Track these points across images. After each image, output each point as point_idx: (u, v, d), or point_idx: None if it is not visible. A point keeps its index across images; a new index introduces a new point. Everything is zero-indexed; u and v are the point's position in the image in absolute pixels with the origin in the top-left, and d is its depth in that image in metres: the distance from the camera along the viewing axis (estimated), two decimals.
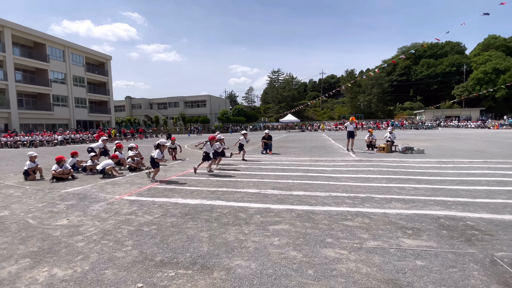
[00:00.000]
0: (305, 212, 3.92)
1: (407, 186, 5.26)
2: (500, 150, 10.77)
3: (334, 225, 3.41)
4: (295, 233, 3.20)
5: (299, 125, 50.41)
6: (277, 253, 2.71)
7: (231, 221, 3.63)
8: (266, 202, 4.49)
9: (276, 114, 65.55)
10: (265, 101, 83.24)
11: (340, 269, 2.38)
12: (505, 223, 3.30)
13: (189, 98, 61.07)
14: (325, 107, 72.48)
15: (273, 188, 5.44)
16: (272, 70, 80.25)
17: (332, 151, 11.98)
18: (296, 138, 24.41)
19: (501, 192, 4.67)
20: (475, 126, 39.56)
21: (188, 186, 5.85)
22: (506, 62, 51.16)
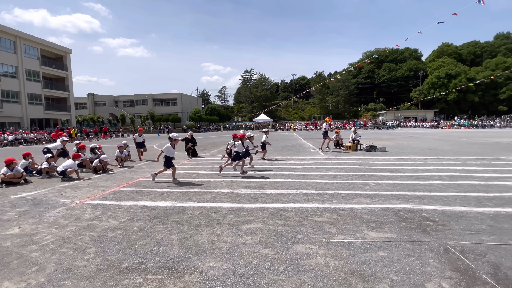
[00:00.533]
0: (277, 210, 3.99)
1: (371, 182, 5.61)
2: (451, 148, 11.96)
3: (305, 221, 3.52)
4: (268, 231, 3.24)
5: (271, 125, 51.14)
6: (250, 252, 2.72)
7: (203, 223, 3.57)
8: (239, 201, 4.48)
9: (250, 114, 65.81)
10: (238, 101, 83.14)
11: (310, 264, 2.46)
12: (456, 214, 3.67)
13: (159, 96, 58.71)
14: (296, 107, 74.42)
15: (246, 187, 5.45)
16: (245, 70, 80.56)
17: (303, 150, 12.35)
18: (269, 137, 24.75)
19: (452, 186, 5.19)
20: (430, 126, 43.50)
21: (157, 188, 5.62)
22: (457, 68, 56.95)
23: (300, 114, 68.51)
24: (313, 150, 12.16)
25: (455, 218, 3.52)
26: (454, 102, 56.18)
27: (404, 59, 69.18)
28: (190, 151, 10.73)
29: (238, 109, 76.16)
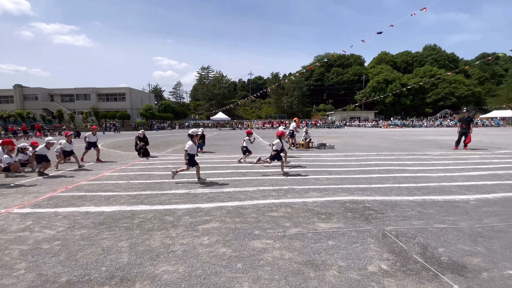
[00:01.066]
0: (235, 208, 4.00)
1: (321, 177, 6.02)
2: (388, 145, 13.52)
3: (261, 217, 3.61)
4: (225, 229, 3.23)
5: (230, 124, 50.94)
6: (207, 252, 2.68)
7: (156, 226, 3.38)
8: (196, 202, 4.37)
9: (207, 112, 64.46)
10: (195, 98, 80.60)
11: (266, 258, 2.54)
12: (392, 203, 4.17)
13: (104, 90, 53.45)
14: (254, 106, 75.49)
15: (204, 187, 5.34)
16: (202, 66, 78.39)
17: (261, 148, 12.60)
18: (227, 136, 24.62)
19: (389, 179, 5.87)
20: (371, 126, 48.58)
21: (103, 192, 5.13)
22: (393, 74, 64.66)
23: (257, 113, 69.69)
24: (269, 148, 12.49)
25: (391, 206, 4.00)
26: (390, 105, 63.80)
27: (350, 64, 75.69)
28: (141, 150, 10.04)
29: (194, 107, 73.91)
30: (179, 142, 16.78)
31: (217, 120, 50.29)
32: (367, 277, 2.22)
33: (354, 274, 2.25)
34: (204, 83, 74.71)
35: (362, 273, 2.27)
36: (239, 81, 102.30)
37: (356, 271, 2.30)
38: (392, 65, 70.79)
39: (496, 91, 66.94)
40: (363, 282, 2.14)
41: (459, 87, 61.92)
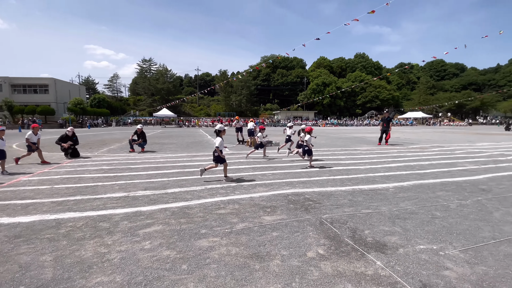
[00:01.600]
0: (180, 209, 3.86)
1: (267, 173, 6.26)
2: (325, 142, 14.83)
3: (209, 215, 3.57)
4: (169, 231, 3.09)
5: (175, 121, 48.53)
6: (148, 257, 2.53)
7: (88, 235, 3.03)
8: (136, 205, 4.06)
9: (150, 108, 60.00)
10: (135, 92, 74.08)
11: (213, 256, 2.53)
12: (327, 193, 4.60)
13: (20, 80, 44.92)
14: (202, 103, 73.58)
15: (145, 188, 4.98)
16: (143, 58, 72.47)
17: (209, 146, 12.38)
18: (173, 134, 23.40)
19: (326, 172, 6.46)
20: (311, 125, 52.58)
21: (19, 200, 4.33)
22: (330, 78, 71.15)
23: (205, 110, 68.15)
24: None
25: (327, 196, 4.43)
26: (328, 106, 70.29)
27: (293, 67, 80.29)
28: (69, 151, 8.79)
29: (135, 102, 68.03)
30: (116, 141, 15.23)
31: (161, 116, 47.34)
32: (306, 262, 2.41)
33: (295, 261, 2.43)
34: (145, 76, 69.23)
35: (302, 260, 2.46)
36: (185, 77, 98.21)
37: (297, 258, 2.48)
38: (329, 70, 77.90)
39: (410, 96, 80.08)
40: (303, 268, 2.32)
41: (382, 91, 71.76)
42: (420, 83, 79.44)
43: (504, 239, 2.86)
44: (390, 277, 2.19)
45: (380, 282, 2.13)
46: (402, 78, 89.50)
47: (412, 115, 60.01)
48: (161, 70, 67.93)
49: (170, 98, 57.55)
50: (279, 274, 2.23)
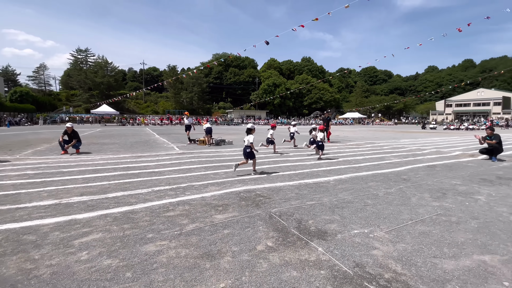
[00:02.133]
0: (123, 214, 3.58)
1: (220, 172, 6.25)
2: (276, 140, 15.42)
3: (156, 219, 3.40)
4: (111, 239, 2.85)
5: (118, 118, 44.35)
6: (86, 268, 2.29)
7: (9, 250, 2.59)
8: (70, 213, 3.61)
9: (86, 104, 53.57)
10: (68, 86, 65.13)
11: (160, 260, 2.43)
12: (277, 189, 4.82)
13: None
14: (149, 100, 68.79)
15: (81, 194, 4.47)
16: (78, 48, 64.15)
17: (157, 146, 11.69)
18: (115, 133, 21.33)
19: (275, 168, 6.75)
20: (263, 123, 54.18)
21: None
22: (279, 79, 74.14)
23: (153, 107, 63.92)
24: (168, 146, 11.79)
25: (276, 191, 4.65)
26: (278, 106, 73.29)
27: (245, 66, 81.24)
28: None
29: (68, 97, 59.87)
30: (44, 141, 13.19)
31: (100, 114, 42.73)
32: (256, 255, 2.51)
33: (246, 256, 2.50)
34: (81, 68, 61.41)
35: (252, 253, 2.54)
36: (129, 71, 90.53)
37: (247, 253, 2.56)
38: (279, 71, 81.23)
39: (349, 98, 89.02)
40: (252, 261, 2.41)
41: (325, 93, 77.99)
42: (357, 87, 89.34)
43: (419, 219, 3.44)
44: (329, 260, 2.43)
45: (321, 266, 2.35)
46: (342, 82, 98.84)
47: (351, 115, 66.79)
48: (100, 62, 61.12)
49: (111, 94, 52.39)
50: (229, 270, 2.27)
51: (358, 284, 2.09)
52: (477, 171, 6.61)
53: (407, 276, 2.21)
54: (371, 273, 2.24)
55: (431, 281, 2.14)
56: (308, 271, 2.26)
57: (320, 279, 2.15)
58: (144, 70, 77.71)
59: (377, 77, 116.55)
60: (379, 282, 2.12)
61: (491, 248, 2.68)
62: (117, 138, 16.11)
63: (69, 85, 63.15)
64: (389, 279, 2.17)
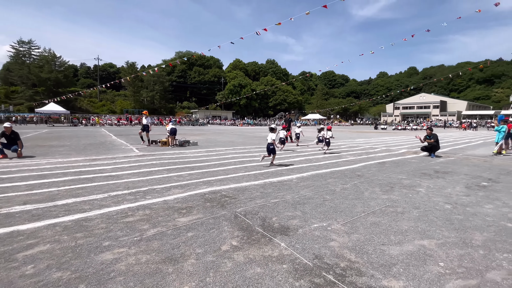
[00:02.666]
0: (75, 222, 3.29)
1: (183, 174, 6.09)
2: (242, 141, 15.53)
3: (113, 225, 3.20)
4: (61, 250, 2.61)
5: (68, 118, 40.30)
6: (32, 283, 2.07)
7: None
8: (11, 224, 3.21)
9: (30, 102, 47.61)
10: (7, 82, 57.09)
11: (119, 268, 2.30)
12: (242, 188, 4.87)
13: None
14: (105, 98, 63.74)
15: (24, 202, 3.99)
16: (20, 40, 56.66)
17: (114, 148, 10.91)
18: (65, 134, 19.33)
19: (241, 168, 6.80)
20: (229, 124, 53.89)
21: None
22: (245, 80, 74.52)
23: (109, 106, 59.38)
24: (127, 148, 11.08)
25: (242, 191, 4.70)
26: (244, 106, 73.66)
27: (210, 66, 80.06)
28: None
29: (7, 94, 52.58)
30: None
31: (47, 113, 38.35)
32: (220, 256, 2.52)
33: (210, 257, 2.50)
34: (23, 62, 54.42)
35: (217, 254, 2.55)
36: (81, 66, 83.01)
37: (212, 254, 2.55)
38: (244, 72, 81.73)
39: (310, 100, 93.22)
40: (217, 262, 2.42)
41: (289, 95, 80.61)
42: (318, 90, 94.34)
43: (370, 211, 3.77)
44: (291, 255, 2.55)
45: (283, 260, 2.45)
46: (304, 84, 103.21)
47: (312, 116, 70.01)
48: (46, 56, 54.82)
49: (60, 91, 47.45)
50: (193, 273, 2.25)
51: (317, 275, 2.24)
52: (419, 166, 7.46)
53: (360, 263, 2.42)
54: (328, 263, 2.41)
55: (380, 266, 2.38)
56: (271, 266, 2.35)
57: (283, 273, 2.25)
58: (99, 66, 71.63)
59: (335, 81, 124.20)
60: (335, 271, 2.29)
61: (429, 233, 3.07)
62: (67, 139, 14.64)
63: (9, 80, 55.40)
64: (344, 267, 2.36)
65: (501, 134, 10.23)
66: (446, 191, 4.88)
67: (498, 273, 2.29)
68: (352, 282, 2.15)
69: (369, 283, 2.14)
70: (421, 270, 2.32)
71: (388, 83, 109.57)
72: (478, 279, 2.21)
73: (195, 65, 76.88)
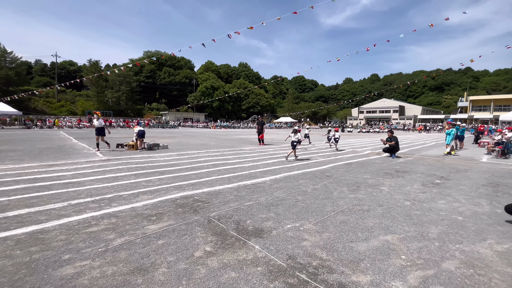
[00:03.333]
0: (29, 235, 2.98)
1: (153, 178, 5.83)
2: (215, 143, 15.32)
3: (74, 237, 2.95)
4: (13, 266, 2.34)
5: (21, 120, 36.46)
6: None
7: None
8: None
9: None
10: None
11: (81, 283, 2.13)
12: (216, 192, 4.80)
13: None
14: (64, 99, 58.77)
15: None
16: None
17: (74, 152, 10.08)
18: (16, 137, 17.40)
19: (215, 172, 6.70)
20: (202, 126, 52.87)
21: None
22: (218, 82, 73.80)
23: (69, 107, 54.85)
24: (89, 152, 10.31)
25: (215, 195, 4.63)
26: (217, 108, 72.91)
27: (181, 67, 77.98)
28: None
29: None
30: None
31: None
32: (193, 263, 2.45)
33: (183, 264, 2.42)
34: None
35: (189, 261, 2.48)
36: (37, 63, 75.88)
37: (184, 261, 2.48)
38: (216, 74, 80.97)
39: (282, 103, 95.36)
40: (190, 269, 2.35)
41: (262, 98, 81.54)
42: (289, 94, 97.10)
43: (339, 210, 3.95)
44: (265, 257, 2.57)
45: (258, 263, 2.46)
46: (276, 88, 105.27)
47: (284, 119, 71.52)
48: None
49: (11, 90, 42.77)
50: (165, 282, 2.16)
51: (290, 275, 2.28)
52: (381, 166, 8.00)
53: (331, 261, 2.52)
54: (301, 263, 2.47)
55: (349, 262, 2.50)
56: (246, 270, 2.34)
57: (257, 276, 2.26)
58: (58, 63, 65.89)
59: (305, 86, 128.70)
60: (308, 270, 2.36)
61: (392, 229, 3.30)
62: (19, 143, 13.21)
63: None
64: (317, 266, 2.43)
65: (451, 136, 11.38)
66: (405, 189, 5.29)
67: (452, 263, 2.54)
68: (324, 280, 2.23)
69: (339, 279, 2.23)
70: (386, 264, 2.48)
71: (353, 88, 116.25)
72: (435, 269, 2.42)
73: (165, 65, 74.24)
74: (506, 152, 10.79)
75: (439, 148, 14.57)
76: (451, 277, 2.29)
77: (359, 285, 2.16)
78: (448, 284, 2.20)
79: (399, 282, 2.21)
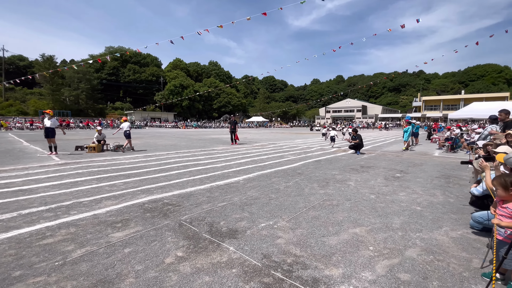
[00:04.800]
0: None
1: (117, 182, 5.45)
2: (186, 144, 14.86)
3: (26, 250, 2.63)
4: None
5: None
6: None
7: None
8: None
9: None
10: None
11: None
12: (187, 194, 4.63)
13: None
14: (12, 97, 52.62)
15: None
16: None
17: (25, 157, 9.05)
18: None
19: (186, 173, 6.48)
20: (171, 126, 51.03)
21: None
22: (187, 81, 71.67)
23: (19, 107, 49.27)
24: (43, 156, 9.33)
25: (187, 197, 4.47)
26: (187, 108, 70.79)
27: (147, 64, 74.37)
28: None
29: None
30: None
31: None
32: (164, 270, 2.32)
33: (152, 273, 2.28)
34: None
35: (160, 268, 2.34)
36: None
37: (154, 269, 2.33)
38: (186, 72, 78.67)
39: (253, 103, 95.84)
40: (160, 277, 2.22)
41: (233, 98, 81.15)
42: (260, 94, 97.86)
43: (311, 206, 4.05)
44: (240, 258, 2.53)
45: (232, 265, 2.41)
46: (248, 88, 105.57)
47: (256, 119, 72.03)
48: None
49: None
50: None
51: (266, 274, 2.27)
52: (348, 162, 8.41)
53: (304, 257, 2.56)
54: (276, 261, 2.47)
55: (321, 257, 2.56)
56: (220, 273, 2.28)
57: (232, 278, 2.21)
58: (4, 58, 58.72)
59: (275, 86, 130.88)
60: (283, 268, 2.37)
61: (360, 221, 3.47)
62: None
63: None
64: (291, 263, 2.45)
65: (407, 133, 12.38)
66: (370, 183, 5.62)
67: (414, 251, 2.73)
68: (299, 276, 2.25)
69: (313, 274, 2.28)
70: (355, 256, 2.59)
71: (320, 89, 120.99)
72: (400, 257, 2.59)
73: (129, 62, 70.13)
74: (455, 146, 12.05)
75: (398, 144, 15.75)
76: (414, 264, 2.47)
77: (331, 278, 2.22)
78: (412, 271, 2.35)
79: (369, 273, 2.31)
